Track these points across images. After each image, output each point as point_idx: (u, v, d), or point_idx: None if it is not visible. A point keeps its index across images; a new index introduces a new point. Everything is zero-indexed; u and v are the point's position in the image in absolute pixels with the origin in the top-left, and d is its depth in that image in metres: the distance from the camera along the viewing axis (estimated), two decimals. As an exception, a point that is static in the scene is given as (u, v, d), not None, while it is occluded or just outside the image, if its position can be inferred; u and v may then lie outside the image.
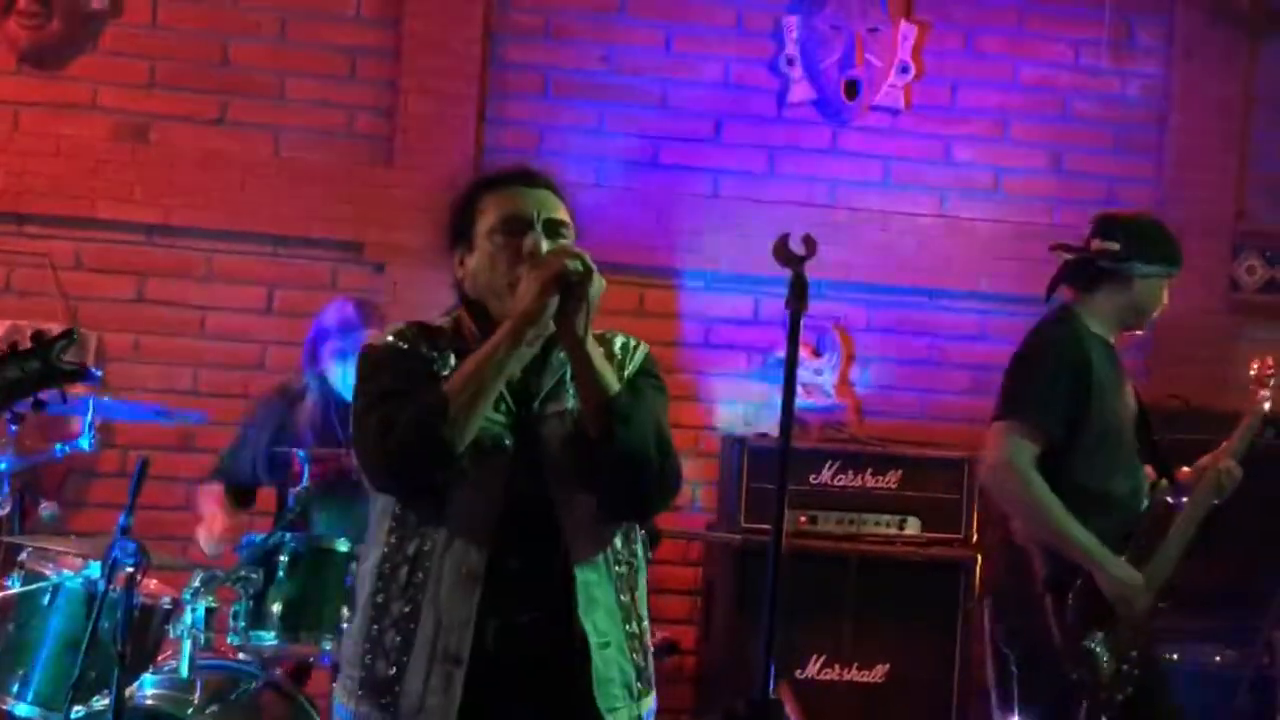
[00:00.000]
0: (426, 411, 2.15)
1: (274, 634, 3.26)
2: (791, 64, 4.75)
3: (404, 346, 2.28)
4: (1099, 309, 3.36)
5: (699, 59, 4.76)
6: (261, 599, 3.25)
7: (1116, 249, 3.34)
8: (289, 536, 3.32)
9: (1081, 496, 3.20)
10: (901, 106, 4.80)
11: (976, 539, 4.32)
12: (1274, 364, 3.52)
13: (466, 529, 2.21)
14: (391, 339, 2.29)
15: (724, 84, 4.77)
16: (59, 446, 3.58)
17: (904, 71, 4.78)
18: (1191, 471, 3.40)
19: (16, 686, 3.31)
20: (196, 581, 3.19)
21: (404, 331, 2.31)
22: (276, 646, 3.30)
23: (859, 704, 4.19)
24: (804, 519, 4.22)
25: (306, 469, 3.44)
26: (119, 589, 2.94)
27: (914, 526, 4.29)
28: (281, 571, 3.26)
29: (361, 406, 2.26)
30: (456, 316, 2.33)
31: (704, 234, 4.70)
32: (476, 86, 4.62)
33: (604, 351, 2.29)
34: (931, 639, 4.22)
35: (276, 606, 3.24)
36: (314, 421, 3.70)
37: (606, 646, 2.25)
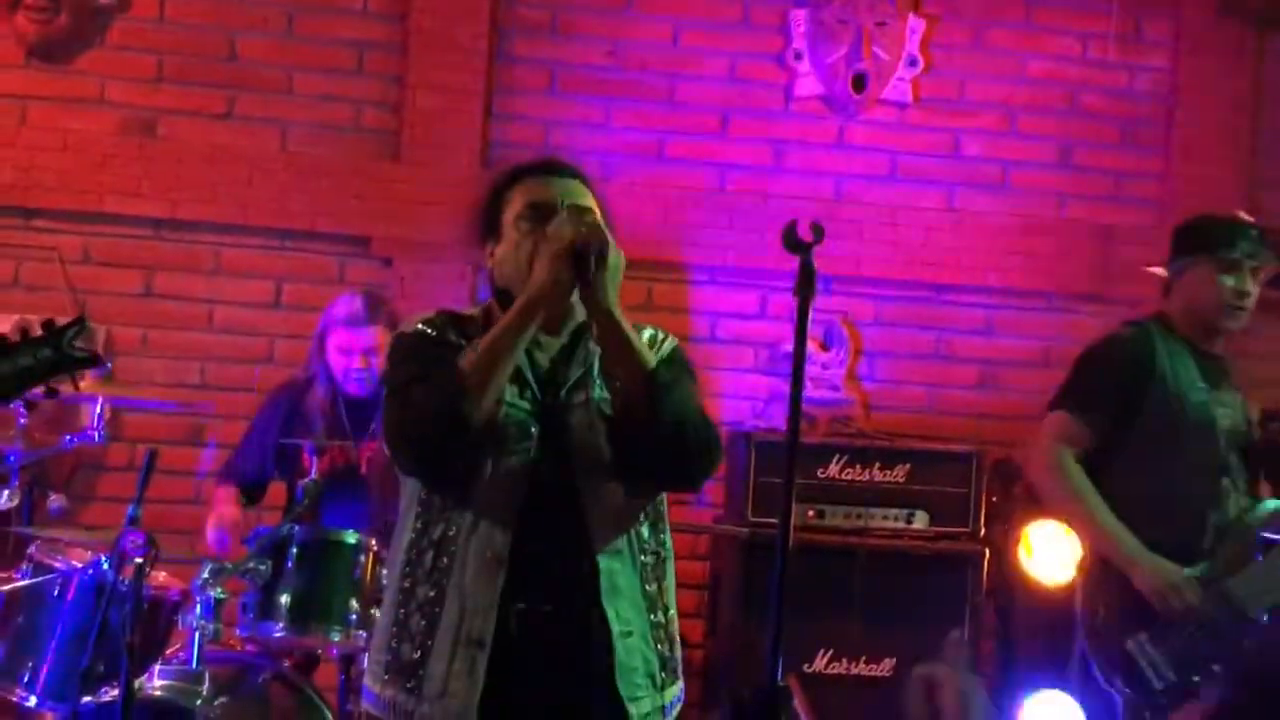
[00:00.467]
0: (443, 386, 2.17)
1: (283, 625, 3.27)
2: (799, 58, 4.74)
3: (432, 334, 2.30)
4: (1174, 314, 3.35)
5: (706, 53, 4.76)
6: (270, 591, 3.27)
7: (1170, 256, 3.37)
8: (298, 528, 3.33)
9: (1129, 498, 3.14)
10: (909, 100, 4.79)
11: (985, 533, 4.33)
12: None
13: (491, 514, 2.22)
14: (421, 326, 2.31)
15: (731, 78, 4.77)
16: (68, 439, 3.58)
17: (912, 65, 4.77)
18: None
19: (26, 678, 3.32)
20: (205, 573, 3.19)
21: (433, 319, 2.33)
22: (285, 638, 3.31)
23: (866, 698, 4.18)
24: (811, 513, 4.21)
25: (315, 461, 3.44)
26: (128, 581, 2.95)
27: (922, 520, 4.29)
28: (290, 563, 3.27)
29: (388, 392, 2.29)
30: (487, 306, 2.36)
31: (711, 228, 4.70)
32: (483, 81, 4.62)
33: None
34: (939, 633, 4.21)
35: (285, 598, 3.25)
36: (324, 410, 3.71)
37: (629, 635, 2.26)
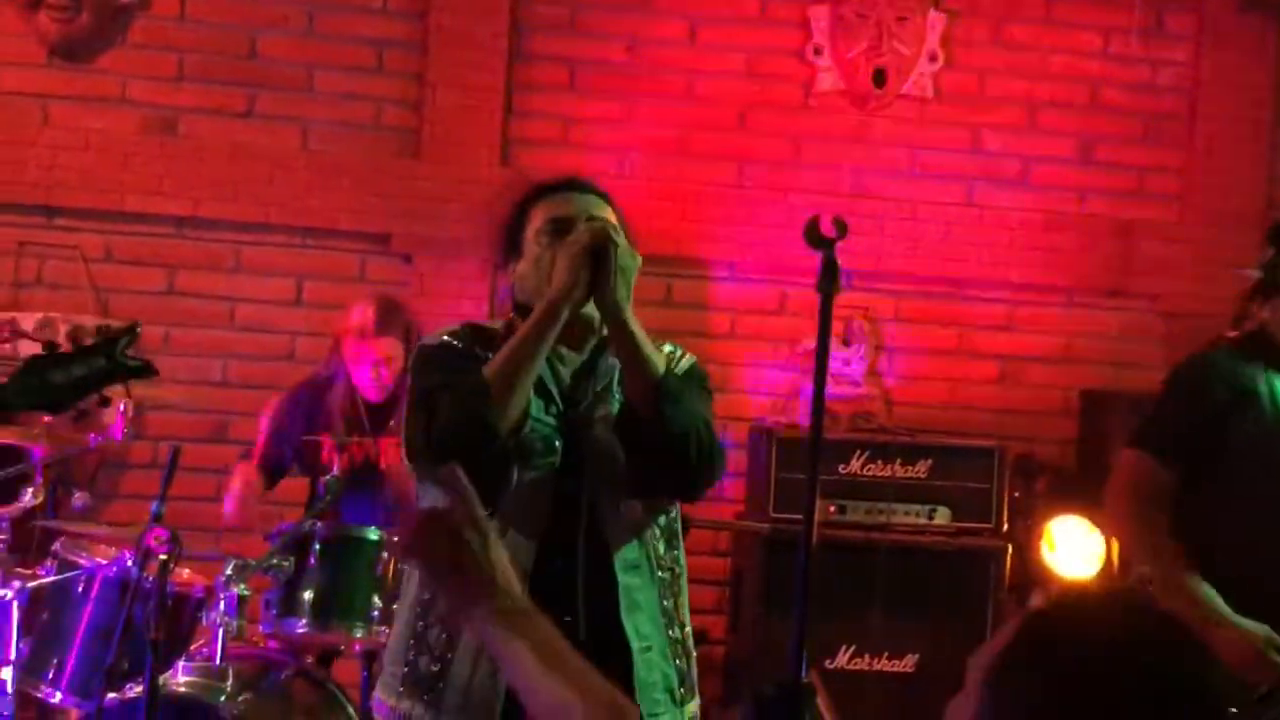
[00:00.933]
0: (467, 393, 2.19)
1: (305, 622, 3.28)
2: (818, 53, 4.73)
3: (457, 345, 2.32)
4: (1275, 326, 2.77)
5: (725, 49, 4.75)
6: (293, 587, 3.28)
7: (1272, 254, 2.79)
8: (320, 525, 3.33)
9: (1215, 545, 2.70)
10: (930, 95, 4.78)
11: (1007, 528, 4.31)
12: None
13: (514, 527, 2.23)
14: (445, 338, 2.35)
15: (750, 74, 4.76)
16: (92, 437, 3.60)
17: (932, 60, 4.75)
18: None
19: (51, 674, 3.34)
20: (229, 570, 3.20)
21: (457, 332, 2.36)
22: (308, 634, 3.32)
23: (888, 694, 4.17)
24: (833, 509, 4.20)
25: (336, 458, 3.45)
26: (152, 577, 2.96)
27: (943, 516, 4.27)
28: (313, 560, 3.28)
29: (411, 405, 2.31)
30: (508, 320, 2.37)
31: (730, 224, 4.69)
32: (503, 79, 4.62)
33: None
34: (961, 629, 4.20)
35: (308, 595, 3.26)
36: (343, 408, 3.73)
37: (648, 650, 2.27)
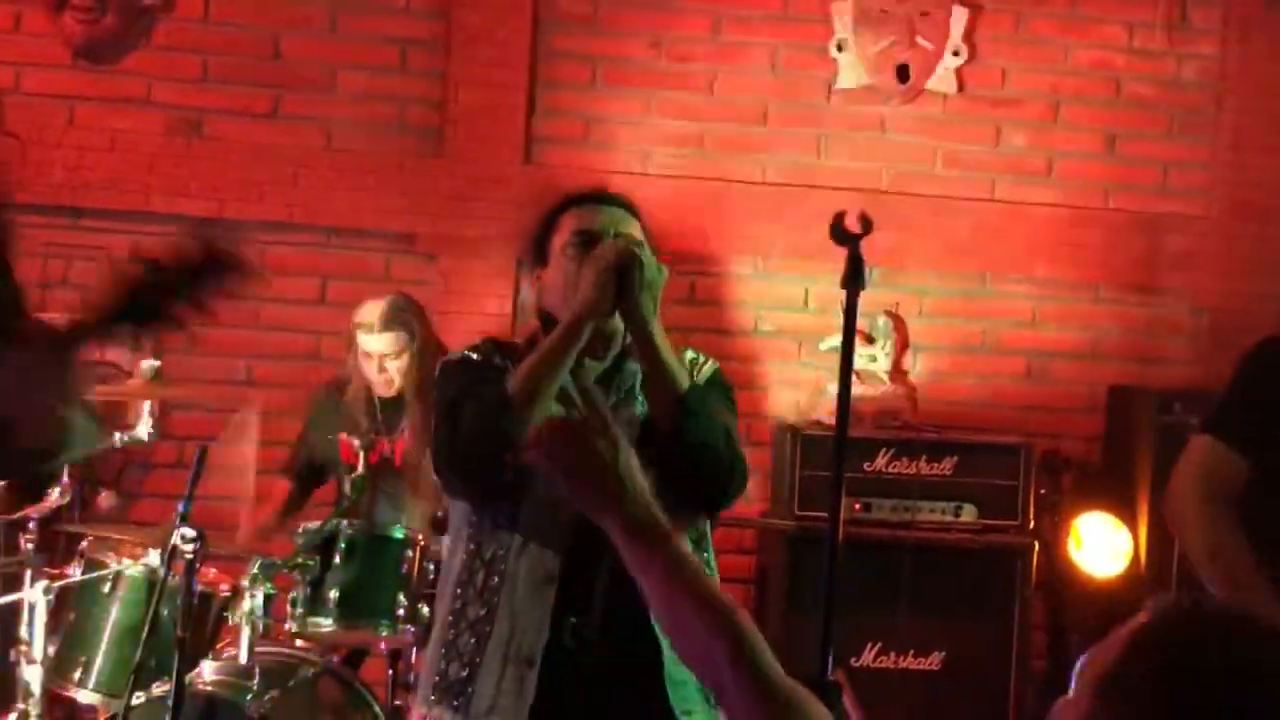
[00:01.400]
0: (490, 403, 2.20)
1: (331, 620, 3.28)
2: (842, 49, 4.71)
3: (477, 358, 2.34)
4: None
5: (747, 45, 4.73)
6: (319, 586, 3.28)
7: None
8: (345, 523, 3.34)
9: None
10: (953, 90, 4.75)
11: (1033, 526, 4.29)
12: None
13: (540, 533, 2.24)
14: (466, 353, 2.37)
15: (773, 69, 4.74)
16: (117, 436, 3.61)
17: (956, 55, 4.72)
18: None
19: (79, 673, 3.36)
20: (255, 569, 3.21)
21: (479, 346, 2.38)
22: (334, 633, 3.32)
23: (914, 692, 4.15)
24: (858, 506, 4.18)
25: (363, 456, 3.46)
26: (179, 576, 2.97)
27: (970, 513, 4.25)
28: (338, 558, 3.29)
29: (435, 418, 2.33)
30: (531, 333, 2.38)
31: (753, 221, 4.68)
32: (525, 76, 4.62)
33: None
34: (988, 627, 4.18)
35: (334, 593, 3.26)
36: (360, 407, 3.76)
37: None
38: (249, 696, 3.13)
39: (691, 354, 2.40)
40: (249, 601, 3.18)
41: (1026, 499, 4.27)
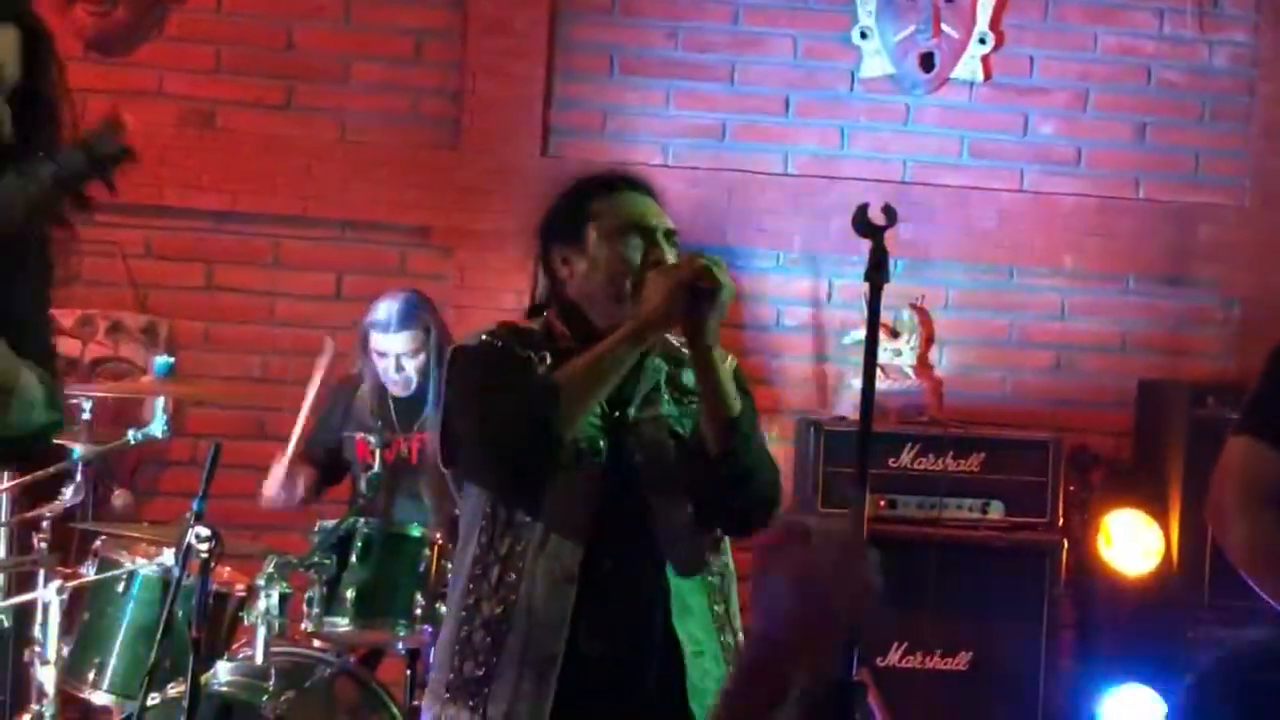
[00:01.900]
0: (538, 397, 2.14)
1: (348, 620, 3.24)
2: (865, 37, 4.63)
3: (498, 344, 2.27)
4: None
5: (769, 34, 4.66)
6: (335, 585, 3.25)
7: None
8: (362, 522, 3.30)
9: None
10: (980, 79, 4.67)
11: (1062, 523, 4.22)
12: None
13: (561, 530, 2.19)
14: (486, 338, 2.29)
15: (795, 59, 4.67)
16: (131, 433, 3.57)
17: (982, 42, 4.64)
18: None
19: (93, 674, 3.33)
20: (270, 568, 3.17)
21: (495, 331, 2.31)
22: (350, 632, 3.28)
23: (942, 692, 4.09)
24: (883, 503, 4.12)
25: (378, 454, 3.41)
26: (193, 576, 2.92)
27: (997, 510, 4.18)
28: (355, 557, 3.25)
29: (458, 403, 2.25)
30: (545, 320, 2.32)
31: (775, 213, 4.62)
32: (542, 67, 4.56)
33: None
34: (1016, 626, 4.12)
35: (350, 592, 3.23)
36: (373, 405, 3.71)
37: (700, 655, 2.23)
38: (265, 697, 3.09)
39: None
40: (264, 601, 3.15)
41: (1055, 496, 4.21)
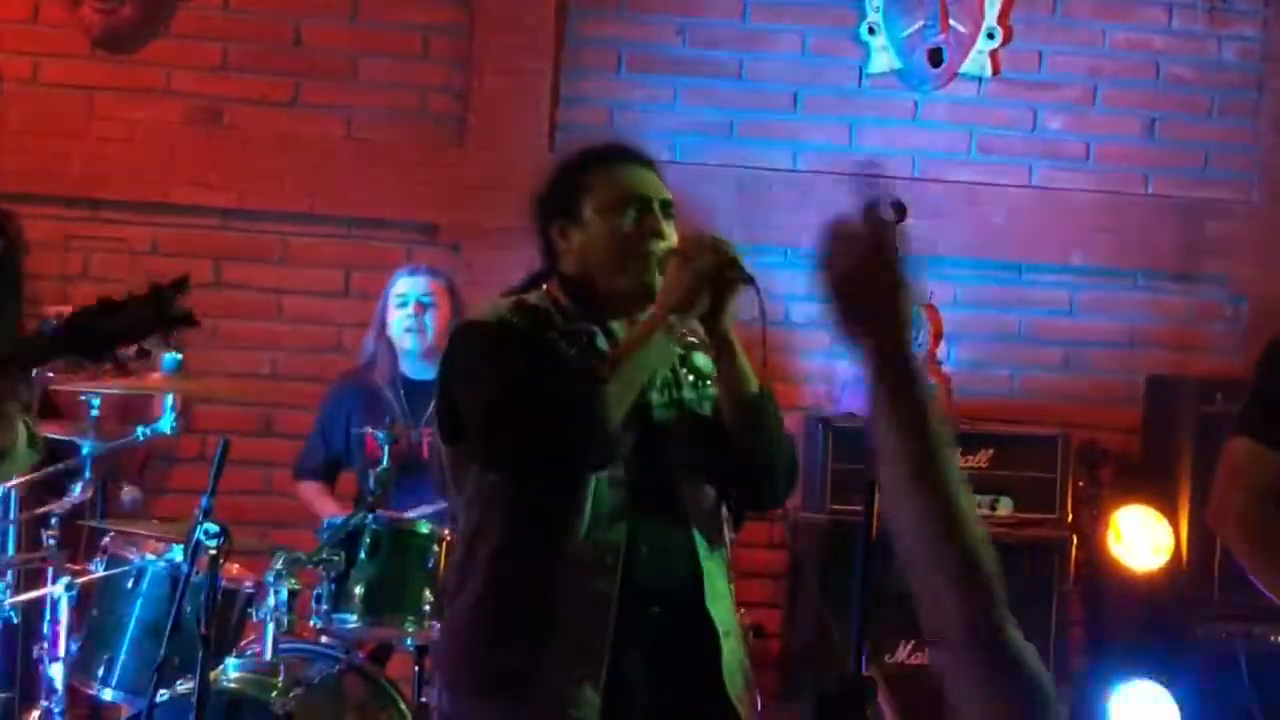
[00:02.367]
0: (587, 396, 2.12)
1: (356, 616, 3.23)
2: (873, 32, 4.62)
3: (516, 325, 2.21)
4: None
5: (777, 30, 4.65)
6: (343, 581, 3.23)
7: None
8: (370, 518, 3.28)
9: None
10: (988, 74, 4.65)
11: (1071, 519, 4.20)
12: None
13: (599, 520, 2.17)
14: (504, 315, 2.23)
15: (803, 55, 4.66)
16: (140, 430, 3.57)
17: (991, 37, 4.63)
18: None
19: (102, 670, 3.32)
20: (278, 564, 3.15)
21: (510, 307, 2.25)
22: (359, 629, 3.27)
23: (951, 689, 4.07)
24: (892, 500, 4.11)
25: (386, 449, 3.40)
26: (202, 572, 2.92)
27: (1006, 507, 4.17)
28: (363, 553, 3.23)
29: (478, 386, 2.19)
30: (546, 293, 2.28)
31: (784, 209, 4.60)
32: (550, 63, 4.55)
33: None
34: (1025, 622, 3.99)
35: (359, 589, 3.22)
36: (384, 396, 3.71)
37: (729, 635, 2.25)
38: (273, 694, 3.08)
39: None
40: (273, 597, 3.13)
41: (1064, 492, 4.19)
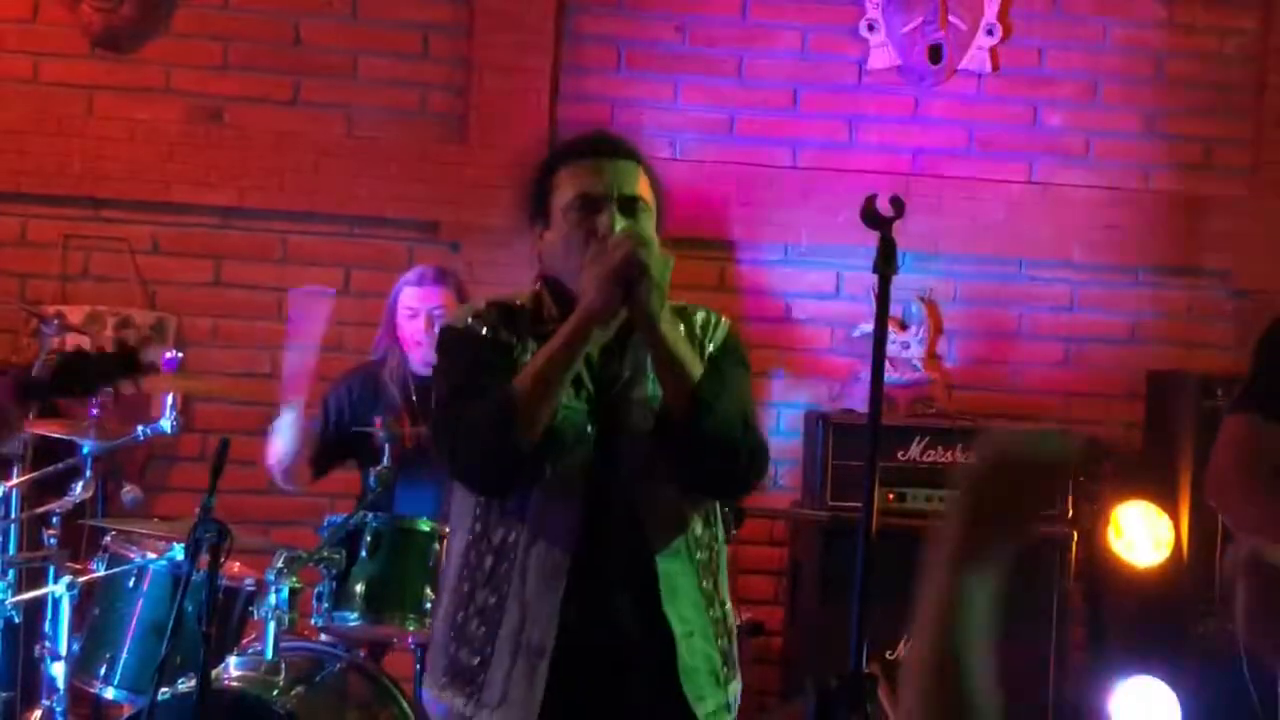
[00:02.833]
0: (496, 410, 2.12)
1: (357, 615, 3.23)
2: (873, 29, 4.62)
3: (486, 333, 2.23)
4: None
5: (776, 27, 4.65)
6: (344, 580, 3.24)
7: None
8: (371, 516, 3.29)
9: None
10: (988, 70, 4.65)
11: (1072, 515, 4.20)
12: None
13: (551, 519, 2.17)
14: (472, 322, 2.25)
15: (802, 52, 4.66)
16: (140, 429, 3.57)
17: (990, 33, 4.63)
18: None
19: (103, 670, 3.33)
20: (279, 563, 3.16)
21: (484, 314, 2.26)
22: (360, 627, 3.27)
23: (952, 685, 4.07)
24: (891, 496, 4.10)
25: (387, 448, 3.40)
26: (203, 571, 2.92)
27: (1007, 503, 4.16)
28: (364, 552, 3.24)
29: (440, 397, 2.25)
30: (535, 294, 2.29)
31: (783, 206, 4.60)
32: (550, 61, 4.55)
33: (684, 330, 2.24)
34: (1026, 619, 4.09)
35: (360, 587, 3.22)
36: (394, 393, 3.70)
37: (691, 635, 2.21)
38: (275, 692, 3.08)
39: (704, 314, 2.31)
40: (274, 596, 3.13)
41: (1065, 487, 4.17)
